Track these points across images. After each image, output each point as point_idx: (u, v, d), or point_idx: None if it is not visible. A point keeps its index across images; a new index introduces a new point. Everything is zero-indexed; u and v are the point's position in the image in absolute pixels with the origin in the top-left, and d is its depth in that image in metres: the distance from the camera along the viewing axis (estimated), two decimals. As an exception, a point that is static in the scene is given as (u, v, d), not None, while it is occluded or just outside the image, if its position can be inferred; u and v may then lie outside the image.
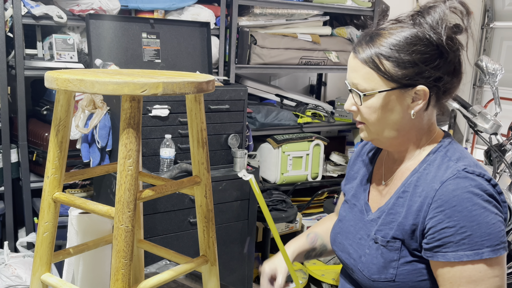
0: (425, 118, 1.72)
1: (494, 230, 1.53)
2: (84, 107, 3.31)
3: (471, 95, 6.58)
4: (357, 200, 1.92)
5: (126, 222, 1.46)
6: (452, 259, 1.56)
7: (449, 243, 1.56)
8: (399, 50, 1.60)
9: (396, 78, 1.61)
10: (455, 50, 1.66)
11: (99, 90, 1.39)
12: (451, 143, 1.73)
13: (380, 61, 1.62)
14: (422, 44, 1.60)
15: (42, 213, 1.66)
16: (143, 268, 2.07)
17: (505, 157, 3.32)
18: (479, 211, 1.53)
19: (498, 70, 3.34)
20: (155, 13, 3.95)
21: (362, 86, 1.66)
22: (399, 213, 1.70)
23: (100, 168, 1.89)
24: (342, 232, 1.93)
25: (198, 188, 1.74)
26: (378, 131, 1.72)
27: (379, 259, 1.72)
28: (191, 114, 1.68)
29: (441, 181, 1.59)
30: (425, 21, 1.63)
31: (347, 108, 1.74)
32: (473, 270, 1.54)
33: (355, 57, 1.68)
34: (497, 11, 6.30)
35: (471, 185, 1.56)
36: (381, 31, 1.66)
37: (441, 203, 1.57)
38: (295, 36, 4.68)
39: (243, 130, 3.79)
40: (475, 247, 1.53)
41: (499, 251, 1.53)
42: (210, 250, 1.79)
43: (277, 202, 4.35)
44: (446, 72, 1.64)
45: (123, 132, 1.44)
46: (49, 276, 1.68)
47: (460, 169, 1.60)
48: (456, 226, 1.54)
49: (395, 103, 1.65)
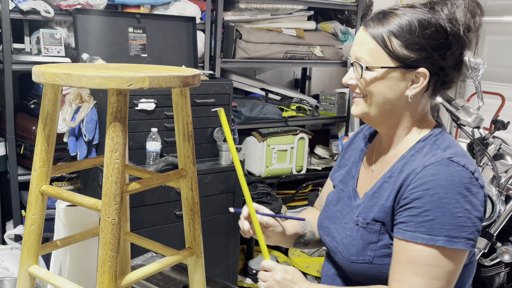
0: (420, 105, 1.74)
1: (458, 222, 1.54)
2: (71, 101, 3.32)
3: (454, 89, 6.60)
4: (345, 186, 1.95)
5: (113, 214, 1.47)
6: (408, 238, 1.58)
7: (411, 222, 1.59)
8: (410, 31, 1.63)
9: (401, 57, 1.64)
10: (464, 45, 1.69)
11: (86, 84, 1.40)
12: (441, 132, 1.74)
13: (389, 38, 1.64)
14: (435, 30, 1.63)
15: (29, 205, 1.67)
16: (130, 260, 2.08)
17: (487, 151, 3.36)
18: (448, 200, 1.53)
19: (480, 65, 3.36)
20: (142, 8, 3.96)
21: (366, 60, 1.68)
22: (382, 196, 1.72)
23: (87, 161, 1.90)
24: (328, 216, 1.95)
25: (184, 181, 1.76)
26: (372, 107, 1.72)
27: (358, 240, 1.75)
28: (177, 108, 1.70)
29: (424, 166, 1.61)
30: (441, 10, 1.66)
31: (345, 81, 1.76)
32: (419, 252, 1.57)
33: (364, 31, 1.70)
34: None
35: (451, 174, 1.57)
36: (396, 11, 1.68)
37: (417, 185, 1.59)
38: (280, 31, 4.70)
39: (229, 124, 3.81)
40: (433, 232, 1.55)
41: (455, 243, 1.54)
42: (195, 243, 1.81)
43: (262, 195, 4.37)
44: (449, 64, 1.67)
45: (109, 125, 1.45)
46: (37, 268, 1.70)
47: (445, 157, 1.61)
48: (422, 208, 1.57)
49: (394, 82, 1.67)
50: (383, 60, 1.66)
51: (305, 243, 2.10)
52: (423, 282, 1.57)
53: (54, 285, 1.64)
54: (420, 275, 1.57)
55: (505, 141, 3.61)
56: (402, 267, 1.60)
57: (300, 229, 2.08)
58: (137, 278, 1.61)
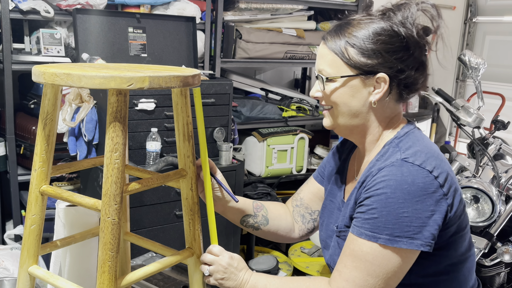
0: (387, 110, 1.77)
1: (402, 222, 1.57)
2: (71, 101, 3.32)
3: (454, 89, 6.62)
4: (334, 197, 2.00)
5: (113, 214, 1.48)
6: (355, 233, 1.65)
7: (359, 218, 1.65)
8: (364, 39, 1.68)
9: (358, 65, 1.69)
10: (421, 47, 1.73)
11: (86, 84, 1.40)
12: (407, 133, 1.76)
13: (346, 48, 1.70)
14: (388, 35, 1.68)
15: (29, 206, 1.68)
16: (130, 260, 2.08)
17: (487, 151, 3.36)
18: (395, 200, 1.57)
19: (481, 64, 3.36)
20: (141, 8, 3.95)
21: (327, 72, 1.74)
22: (351, 203, 1.77)
23: (87, 161, 1.91)
24: (325, 230, 2.00)
25: (184, 181, 1.76)
26: (339, 117, 1.77)
27: (337, 249, 1.82)
28: (177, 108, 1.70)
29: (379, 168, 1.65)
30: (395, 16, 1.72)
31: (312, 94, 1.82)
32: (361, 247, 1.62)
33: (323, 44, 1.77)
34: (480, 5, 6.34)
35: (402, 174, 1.59)
36: (351, 21, 1.75)
37: (370, 186, 1.64)
38: (280, 31, 4.70)
39: (229, 124, 3.81)
40: (376, 230, 1.60)
41: (397, 242, 1.58)
42: (195, 243, 1.81)
43: (262, 195, 4.36)
44: (409, 66, 1.71)
45: (109, 125, 1.46)
46: (37, 268, 1.70)
47: (400, 158, 1.64)
48: (369, 206, 1.62)
49: (356, 90, 1.72)
50: (342, 69, 1.71)
51: (255, 227, 2.11)
52: (360, 277, 1.63)
53: (54, 285, 1.64)
54: (359, 270, 1.63)
55: (505, 141, 3.61)
56: (345, 259, 1.67)
57: (252, 209, 2.09)
58: (137, 278, 1.62)
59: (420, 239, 1.58)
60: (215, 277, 1.81)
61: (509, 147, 3.50)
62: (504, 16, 6.10)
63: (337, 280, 1.67)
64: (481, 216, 2.98)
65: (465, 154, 3.89)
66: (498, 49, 6.25)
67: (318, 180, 2.16)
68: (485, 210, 2.98)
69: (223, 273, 1.79)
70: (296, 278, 1.84)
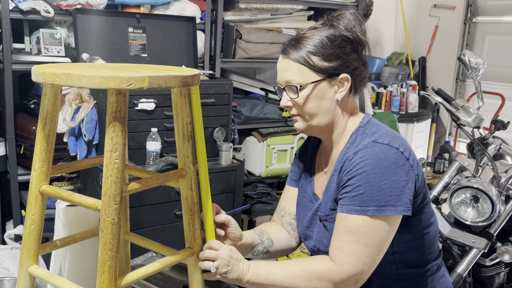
0: (349, 103, 2.00)
1: (385, 193, 1.77)
2: (71, 101, 3.32)
3: (454, 89, 6.61)
4: (305, 192, 2.16)
5: (113, 214, 1.48)
6: (345, 211, 1.83)
7: (346, 197, 1.83)
8: (323, 46, 1.89)
9: (323, 69, 1.89)
10: (362, 46, 1.97)
11: (86, 84, 1.40)
12: (368, 122, 1.98)
13: (309, 57, 1.89)
14: (340, 40, 1.90)
15: (29, 205, 1.68)
16: (130, 260, 2.08)
17: (487, 151, 3.35)
18: (375, 175, 1.78)
19: (480, 64, 3.36)
20: (141, 8, 3.96)
21: (296, 81, 1.91)
22: (332, 188, 1.95)
23: (87, 161, 1.91)
24: (303, 223, 2.13)
25: (183, 181, 1.76)
26: (312, 119, 1.96)
27: (326, 232, 1.98)
28: (176, 108, 1.70)
29: (355, 153, 1.85)
30: (339, 25, 1.94)
31: (283, 104, 1.98)
32: (354, 222, 1.80)
33: (286, 58, 1.94)
34: (479, 6, 6.34)
35: (376, 153, 1.81)
36: (304, 35, 1.94)
37: (350, 169, 1.84)
38: (280, 31, 4.70)
39: (229, 124, 3.81)
40: (363, 204, 1.79)
41: (383, 211, 1.77)
42: (195, 243, 1.81)
43: (262, 195, 4.37)
44: (359, 64, 1.96)
45: (109, 125, 1.46)
46: (36, 268, 1.70)
47: (371, 141, 1.85)
48: (353, 184, 1.81)
49: (324, 91, 1.92)
50: (310, 76, 1.90)
51: (264, 252, 2.19)
52: (358, 249, 1.80)
53: (54, 285, 1.64)
54: (356, 243, 1.80)
55: (505, 141, 3.61)
56: (341, 236, 1.82)
57: (257, 238, 2.17)
58: (137, 278, 1.62)
59: (401, 205, 1.79)
60: (220, 271, 1.81)
61: (509, 147, 3.50)
62: (504, 16, 6.10)
63: (338, 256, 1.82)
64: (481, 216, 2.98)
65: (465, 154, 3.88)
66: (498, 49, 6.26)
67: (292, 184, 2.27)
68: (485, 210, 2.97)
69: (227, 266, 1.82)
70: (297, 260, 1.91)
